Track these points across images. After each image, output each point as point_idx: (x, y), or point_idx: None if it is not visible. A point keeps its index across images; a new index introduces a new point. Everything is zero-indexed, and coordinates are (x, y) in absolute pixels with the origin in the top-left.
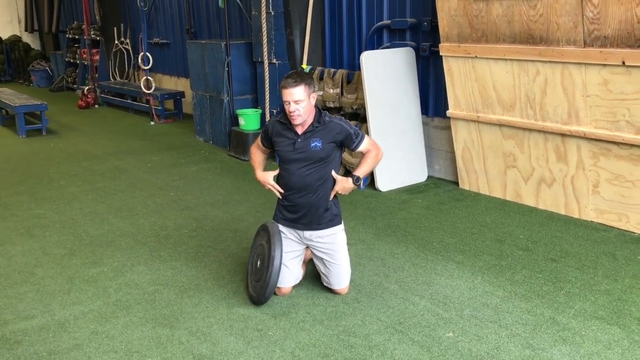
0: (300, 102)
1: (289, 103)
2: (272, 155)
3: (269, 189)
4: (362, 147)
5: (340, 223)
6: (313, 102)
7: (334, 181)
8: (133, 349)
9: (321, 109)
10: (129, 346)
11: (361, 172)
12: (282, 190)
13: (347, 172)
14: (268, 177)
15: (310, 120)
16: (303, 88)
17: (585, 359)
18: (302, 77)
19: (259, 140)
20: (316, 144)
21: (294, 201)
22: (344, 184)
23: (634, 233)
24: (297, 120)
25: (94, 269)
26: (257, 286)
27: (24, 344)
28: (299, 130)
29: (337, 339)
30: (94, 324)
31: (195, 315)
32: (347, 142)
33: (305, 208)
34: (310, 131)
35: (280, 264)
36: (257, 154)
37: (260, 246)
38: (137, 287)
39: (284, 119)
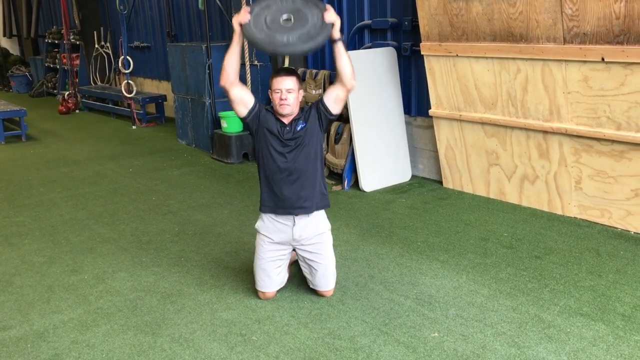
0: (292, 92)
1: (280, 91)
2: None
3: (242, 14)
4: (332, 85)
5: (328, 205)
6: (300, 98)
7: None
8: (114, 357)
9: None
10: (110, 355)
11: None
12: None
13: (332, 173)
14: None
15: (295, 114)
16: (295, 79)
17: (571, 355)
18: (295, 72)
19: (247, 88)
20: (301, 125)
21: (280, 185)
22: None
23: (617, 228)
24: (285, 110)
25: (74, 277)
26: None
27: (1, 355)
28: (286, 121)
29: (322, 342)
30: (74, 333)
31: (178, 322)
32: (322, 96)
33: (294, 190)
34: (296, 119)
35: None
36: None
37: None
38: (119, 294)
39: (271, 109)
